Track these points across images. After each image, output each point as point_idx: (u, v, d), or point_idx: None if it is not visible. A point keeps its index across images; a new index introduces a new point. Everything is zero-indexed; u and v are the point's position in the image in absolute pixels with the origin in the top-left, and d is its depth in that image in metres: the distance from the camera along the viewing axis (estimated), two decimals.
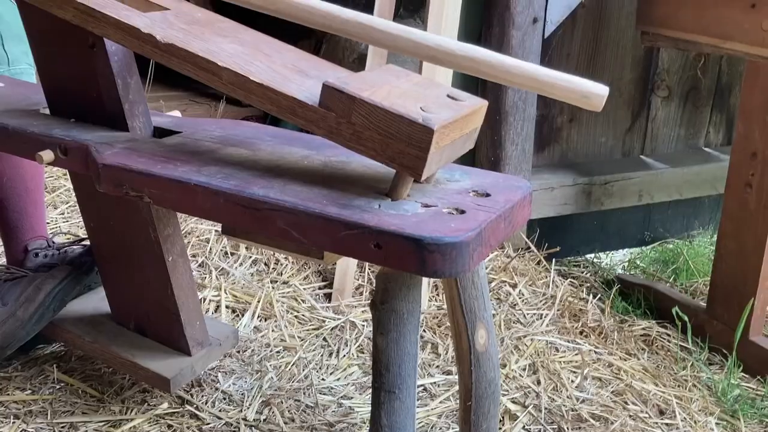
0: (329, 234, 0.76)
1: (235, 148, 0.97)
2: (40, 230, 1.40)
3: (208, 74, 0.85)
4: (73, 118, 1.07)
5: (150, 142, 0.99)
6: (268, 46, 0.95)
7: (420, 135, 0.74)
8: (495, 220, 0.78)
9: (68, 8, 0.92)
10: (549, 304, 1.66)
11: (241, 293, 1.55)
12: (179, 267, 1.13)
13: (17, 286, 1.14)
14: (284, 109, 0.82)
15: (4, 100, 1.17)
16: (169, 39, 0.87)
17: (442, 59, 1.02)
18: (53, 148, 1.00)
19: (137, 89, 1.05)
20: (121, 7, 0.93)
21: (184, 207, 0.87)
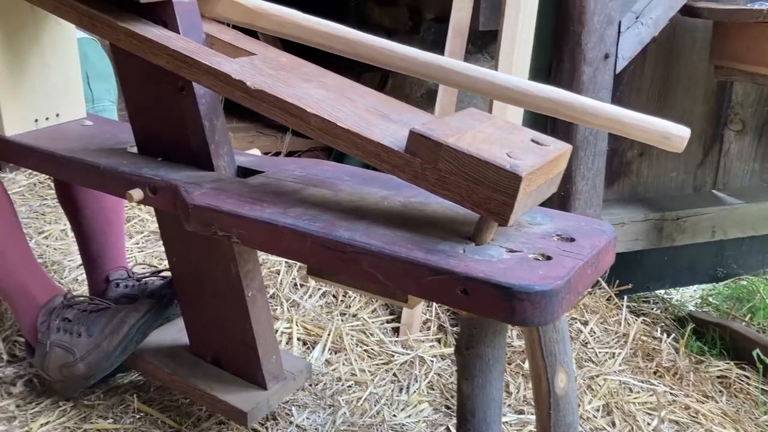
0: (415, 279, 0.77)
1: (316, 188, 1.00)
2: (121, 261, 1.45)
3: (296, 119, 0.88)
4: (161, 157, 1.12)
5: (235, 182, 1.03)
6: (352, 91, 0.97)
7: (507, 181, 0.75)
8: (582, 267, 0.78)
9: (162, 54, 0.96)
10: (621, 343, 1.62)
11: (312, 326, 1.57)
12: (258, 302, 1.15)
13: (102, 317, 1.18)
14: (370, 154, 0.84)
15: (94, 139, 1.23)
16: (259, 85, 0.90)
17: (521, 100, 1.03)
18: (143, 187, 1.04)
19: (222, 130, 1.09)
20: (212, 54, 0.97)
21: (271, 248, 0.89)
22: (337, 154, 2.44)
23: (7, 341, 1.49)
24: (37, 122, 1.25)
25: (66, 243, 1.98)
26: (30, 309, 1.24)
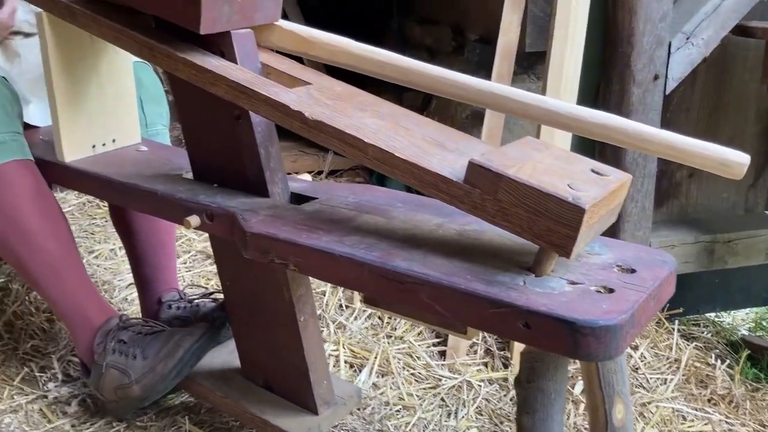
0: (475, 311, 0.77)
1: (370, 215, 1.00)
2: (173, 282, 1.47)
3: (354, 149, 0.89)
4: (216, 183, 1.14)
5: (290, 209, 1.04)
6: (407, 119, 0.98)
7: (570, 214, 0.74)
8: (645, 300, 0.76)
9: (221, 85, 0.98)
10: (673, 369, 1.59)
11: (359, 348, 1.57)
12: (310, 327, 1.16)
13: (157, 340, 1.20)
14: (428, 184, 0.84)
15: (150, 165, 1.25)
16: (317, 116, 0.91)
17: (574, 126, 1.02)
18: (200, 214, 1.06)
19: (277, 157, 1.10)
20: (269, 84, 0.98)
21: (328, 276, 0.90)
22: (379, 175, 2.45)
23: (61, 361, 1.52)
24: (95, 148, 1.29)
25: (115, 263, 2.02)
26: (86, 330, 1.26)
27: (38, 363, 1.52)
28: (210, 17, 0.98)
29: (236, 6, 1.01)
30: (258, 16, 1.06)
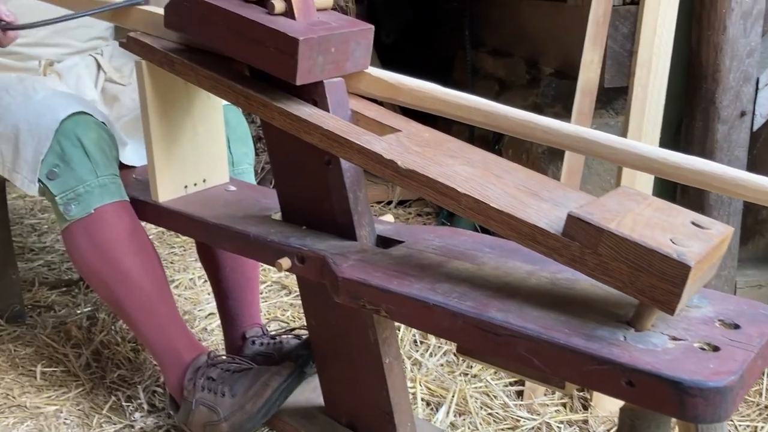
0: (575, 367, 0.76)
1: (459, 261, 1.01)
2: (256, 318, 1.51)
3: (447, 199, 0.90)
4: (305, 225, 1.16)
5: (379, 253, 1.05)
6: (497, 167, 0.98)
7: (674, 271, 0.73)
8: (753, 360, 0.74)
9: (315, 133, 1.01)
10: (764, 416, 1.53)
11: (435, 386, 1.57)
12: (394, 369, 1.16)
13: (245, 378, 1.22)
14: (524, 236, 0.84)
15: (240, 205, 1.29)
16: (409, 165, 0.93)
17: (668, 173, 1.01)
18: (291, 257, 1.09)
19: (364, 201, 1.12)
20: (361, 132, 1.01)
21: (420, 324, 0.91)
22: (448, 215, 2.44)
23: (147, 391, 1.57)
24: (187, 188, 1.34)
25: (195, 292, 2.08)
26: (176, 366, 1.30)
27: (125, 392, 1.57)
28: (305, 68, 1.01)
29: (329, 57, 1.04)
30: (349, 65, 1.09)
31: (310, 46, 1.00)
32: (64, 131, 1.26)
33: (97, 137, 1.29)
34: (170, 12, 1.13)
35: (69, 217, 1.27)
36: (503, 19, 2.44)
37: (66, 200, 1.26)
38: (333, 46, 1.04)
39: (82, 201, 1.26)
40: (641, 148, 1.02)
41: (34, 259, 2.30)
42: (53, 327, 1.83)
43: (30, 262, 2.27)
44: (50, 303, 1.99)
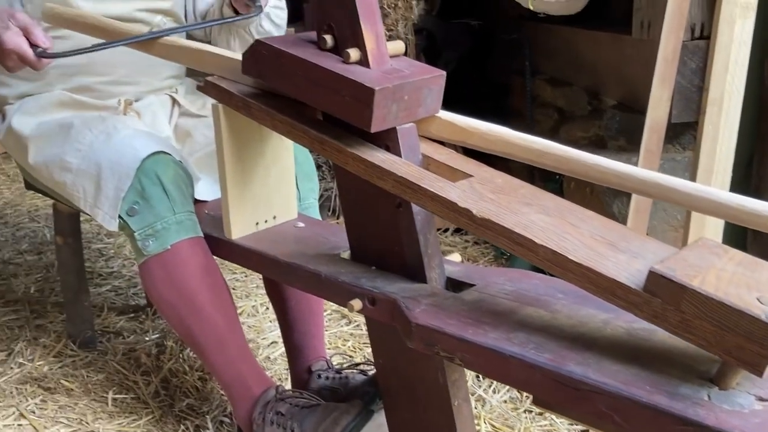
0: (658, 426, 0.75)
1: (532, 308, 1.01)
2: (321, 351, 1.53)
3: (524, 249, 0.90)
4: (374, 265, 1.18)
5: (450, 297, 1.06)
6: (572, 215, 0.98)
7: (763, 332, 0.72)
8: None
9: (389, 180, 1.03)
10: None
11: (499, 423, 1.56)
12: (463, 411, 1.16)
13: (313, 414, 1.24)
14: (604, 290, 0.84)
15: (309, 243, 1.32)
16: (484, 213, 0.94)
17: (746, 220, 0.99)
18: (362, 298, 1.11)
19: (435, 243, 1.13)
20: (434, 178, 1.02)
21: (495, 375, 0.91)
22: None
23: (214, 421, 1.60)
24: (258, 225, 1.37)
25: (258, 320, 2.12)
26: (246, 400, 1.33)
27: (193, 422, 1.61)
28: (380, 117, 1.03)
29: (403, 104, 1.07)
30: (421, 110, 1.11)
31: (385, 96, 1.02)
32: (145, 170, 1.31)
33: (174, 175, 1.34)
34: (248, 59, 1.17)
35: (146, 252, 1.32)
36: (561, 48, 2.43)
37: (144, 236, 1.31)
38: (406, 94, 1.06)
39: (159, 237, 1.31)
40: (718, 195, 1.00)
41: (102, 284, 2.38)
42: (123, 353, 1.89)
43: (98, 287, 2.34)
44: (119, 329, 2.05)
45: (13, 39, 1.21)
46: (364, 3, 1.08)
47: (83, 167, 1.37)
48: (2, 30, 1.21)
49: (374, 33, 1.09)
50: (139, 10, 1.58)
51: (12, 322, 2.11)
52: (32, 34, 1.24)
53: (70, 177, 1.38)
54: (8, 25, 1.21)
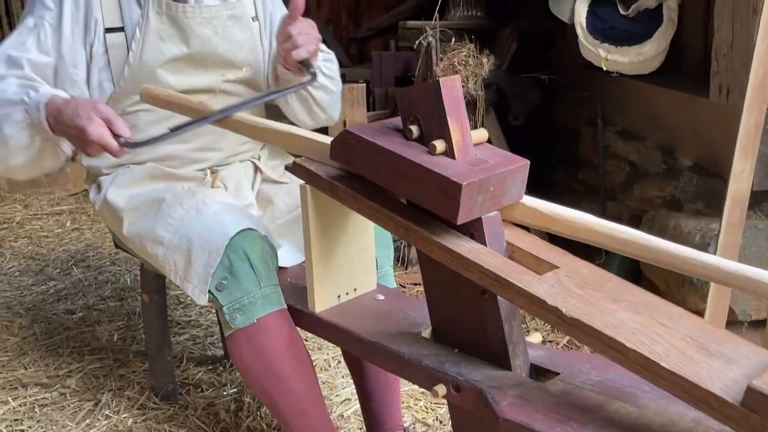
0: None
1: (620, 402, 1.01)
2: (398, 420, 1.55)
3: (614, 352, 0.91)
4: (457, 348, 1.20)
5: (536, 388, 1.07)
6: (661, 312, 0.98)
7: None
8: None
9: (475, 271, 1.05)
10: None
11: None
12: None
13: None
14: (698, 400, 0.84)
15: (390, 319, 1.34)
16: (574, 313, 0.95)
17: None
18: (446, 384, 1.12)
19: (519, 330, 1.15)
20: (521, 271, 1.04)
21: None
22: None
23: None
24: (340, 297, 1.41)
25: (330, 375, 2.15)
26: None
27: None
28: (466, 209, 1.06)
29: (488, 195, 1.09)
30: (505, 199, 1.13)
31: (472, 189, 1.05)
32: (233, 247, 1.37)
33: (261, 251, 1.39)
34: (336, 146, 1.22)
35: (234, 325, 1.37)
36: (633, 101, 2.42)
37: (232, 310, 1.37)
38: (492, 185, 1.09)
39: (246, 311, 1.36)
40: None
41: (180, 332, 2.46)
42: (203, 408, 1.95)
43: (177, 336, 2.43)
44: (198, 381, 2.12)
45: (97, 130, 1.28)
46: (449, 97, 1.11)
47: (175, 242, 1.44)
48: (87, 122, 1.28)
49: (459, 125, 1.12)
50: (222, 81, 1.66)
51: (97, 370, 2.21)
52: (114, 125, 1.31)
53: (162, 250, 1.45)
54: (91, 116, 1.29)
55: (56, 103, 1.34)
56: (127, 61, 1.51)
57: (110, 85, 1.54)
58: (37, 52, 1.47)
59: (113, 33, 1.50)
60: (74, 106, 1.32)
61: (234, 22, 1.62)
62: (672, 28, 1.99)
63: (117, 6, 1.51)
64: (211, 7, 1.57)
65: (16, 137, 1.37)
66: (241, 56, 1.66)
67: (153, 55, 1.51)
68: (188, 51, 1.55)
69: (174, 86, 1.50)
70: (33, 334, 2.46)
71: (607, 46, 2.02)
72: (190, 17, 1.53)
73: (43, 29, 1.47)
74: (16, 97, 1.37)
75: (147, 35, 1.50)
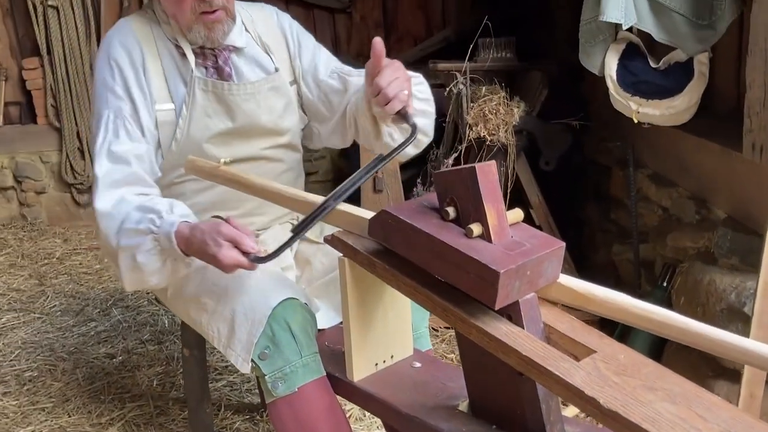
0: None
1: None
2: None
3: None
4: (494, 424, 1.22)
5: None
6: (699, 402, 0.99)
7: None
8: None
9: (512, 356, 1.07)
10: None
11: None
12: None
13: None
14: None
15: (427, 389, 1.37)
16: (611, 405, 0.96)
17: None
18: None
19: (557, 409, 1.17)
20: (558, 357, 1.06)
21: None
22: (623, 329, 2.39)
23: None
24: (377, 366, 1.44)
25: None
26: None
27: None
28: (504, 295, 1.09)
29: (525, 279, 1.11)
30: (542, 281, 1.16)
31: (509, 276, 1.08)
32: (276, 317, 1.41)
33: (302, 320, 1.43)
34: (375, 224, 1.26)
35: (276, 393, 1.41)
36: (664, 147, 2.42)
37: (274, 379, 1.40)
38: (529, 270, 1.11)
39: (287, 380, 1.40)
40: None
41: (218, 378, 2.51)
42: None
43: (215, 382, 2.47)
44: (236, 429, 2.16)
45: (229, 255, 1.34)
46: (485, 181, 1.14)
47: (219, 309, 1.48)
48: (217, 249, 1.34)
49: (496, 210, 1.15)
50: (264, 148, 1.71)
51: (138, 418, 2.27)
52: (242, 245, 1.36)
53: (206, 317, 1.50)
54: (219, 242, 1.35)
55: (183, 234, 1.39)
56: (174, 136, 1.57)
57: (160, 158, 1.60)
58: (130, 142, 1.54)
59: (163, 111, 1.57)
60: (200, 235, 1.37)
61: (274, 93, 1.67)
62: (703, 82, 2.00)
63: (165, 85, 1.58)
64: (254, 83, 1.63)
65: (149, 263, 1.44)
66: (282, 124, 1.71)
67: (200, 130, 1.57)
68: (233, 125, 1.61)
69: (219, 158, 1.56)
70: (75, 379, 2.54)
71: (638, 99, 2.04)
72: (235, 94, 1.59)
73: (126, 120, 1.55)
74: (143, 227, 1.43)
75: (194, 112, 1.56)
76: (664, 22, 1.96)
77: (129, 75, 1.56)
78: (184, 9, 1.53)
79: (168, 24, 1.61)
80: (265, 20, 1.77)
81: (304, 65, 1.75)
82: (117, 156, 1.53)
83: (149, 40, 1.58)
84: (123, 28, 1.61)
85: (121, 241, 1.44)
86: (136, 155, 1.54)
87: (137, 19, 1.64)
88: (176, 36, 1.61)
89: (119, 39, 1.59)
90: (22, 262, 3.90)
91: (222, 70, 1.63)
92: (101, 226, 1.48)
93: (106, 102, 1.56)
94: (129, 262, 1.45)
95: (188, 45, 1.60)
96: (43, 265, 3.86)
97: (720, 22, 1.89)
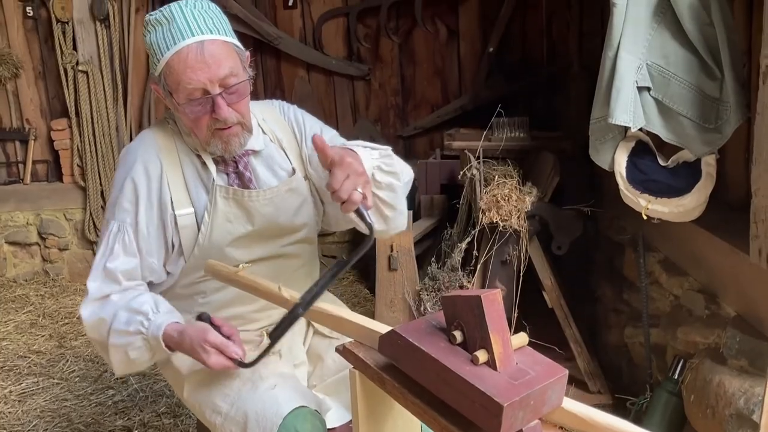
0: None
1: None
2: None
3: None
4: None
5: None
6: None
7: None
8: None
9: None
10: None
11: None
12: None
13: None
14: None
15: None
16: None
17: None
18: None
19: None
20: None
21: None
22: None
23: None
24: None
25: None
26: None
27: None
28: (507, 426, 1.12)
29: (529, 408, 1.15)
30: (545, 408, 1.19)
31: (513, 408, 1.11)
32: (286, 425, 1.45)
33: (311, 428, 1.47)
34: (384, 343, 1.30)
35: None
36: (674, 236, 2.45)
37: None
38: (532, 400, 1.15)
39: None
40: None
41: None
42: None
43: None
44: None
45: (218, 361, 1.50)
46: (491, 310, 1.19)
47: (232, 413, 1.53)
48: (205, 356, 1.50)
49: (501, 338, 1.19)
50: (283, 246, 1.77)
51: None
52: (226, 351, 1.50)
53: (220, 420, 1.54)
54: (206, 349, 1.49)
55: (172, 338, 1.55)
56: (197, 241, 1.64)
57: (182, 261, 1.67)
58: (125, 256, 1.65)
59: (183, 215, 1.64)
60: (189, 341, 1.52)
61: (291, 194, 1.74)
62: (711, 182, 2.04)
63: (185, 191, 1.65)
64: (273, 188, 1.70)
65: (140, 359, 1.61)
66: (298, 221, 1.77)
67: (221, 235, 1.64)
68: (253, 229, 1.68)
69: (240, 260, 1.62)
70: None
71: (647, 197, 2.08)
72: (255, 200, 1.66)
73: (126, 233, 1.64)
74: (132, 328, 1.58)
75: (215, 218, 1.63)
76: (671, 125, 2.01)
77: (141, 189, 1.64)
78: (201, 126, 1.59)
79: (189, 136, 1.69)
80: (274, 116, 1.82)
81: (311, 147, 1.78)
82: (108, 272, 1.65)
83: (172, 152, 1.66)
84: (146, 140, 1.69)
85: (111, 340, 1.58)
86: (124, 271, 1.65)
87: (160, 131, 1.71)
88: (197, 147, 1.68)
89: (141, 153, 1.66)
90: (42, 322, 3.98)
91: (242, 176, 1.70)
92: (88, 330, 1.65)
93: (113, 213, 1.66)
94: (121, 357, 1.61)
95: (209, 155, 1.67)
96: (63, 325, 3.94)
97: (726, 126, 1.94)
